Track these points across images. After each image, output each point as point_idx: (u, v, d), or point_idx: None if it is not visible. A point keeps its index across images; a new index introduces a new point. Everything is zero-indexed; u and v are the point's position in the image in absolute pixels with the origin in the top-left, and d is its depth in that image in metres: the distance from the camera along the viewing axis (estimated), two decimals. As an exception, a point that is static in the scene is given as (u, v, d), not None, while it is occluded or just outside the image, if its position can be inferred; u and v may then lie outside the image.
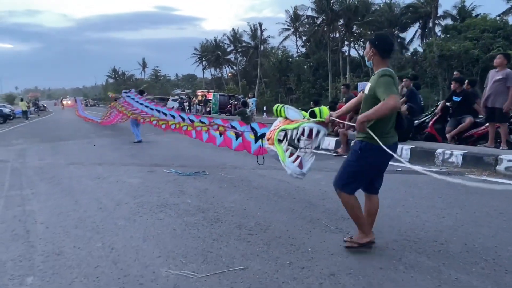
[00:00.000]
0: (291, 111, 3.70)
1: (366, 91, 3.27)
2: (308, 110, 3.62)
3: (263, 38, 54.87)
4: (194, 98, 40.31)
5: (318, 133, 3.50)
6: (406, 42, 46.53)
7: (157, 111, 9.83)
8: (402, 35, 47.15)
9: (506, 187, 3.13)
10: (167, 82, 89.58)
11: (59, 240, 3.93)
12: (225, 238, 3.83)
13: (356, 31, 45.97)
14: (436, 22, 41.69)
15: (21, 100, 37.77)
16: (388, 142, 3.16)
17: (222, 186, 5.96)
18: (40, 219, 4.65)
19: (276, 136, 3.72)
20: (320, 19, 45.03)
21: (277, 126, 3.83)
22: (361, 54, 49.76)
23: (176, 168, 7.36)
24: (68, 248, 3.73)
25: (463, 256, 3.24)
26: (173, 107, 26.57)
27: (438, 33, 40.24)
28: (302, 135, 3.53)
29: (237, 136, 5.92)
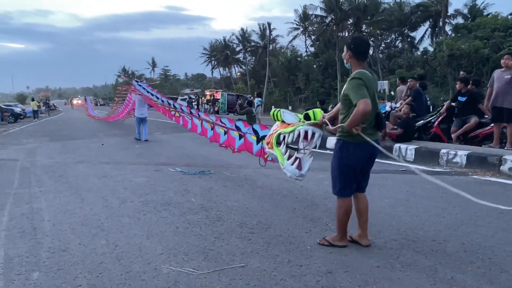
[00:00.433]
0: (287, 115, 3.83)
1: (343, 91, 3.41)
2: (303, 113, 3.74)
3: (272, 37, 54.90)
4: (202, 98, 40.50)
5: (314, 134, 3.60)
6: (416, 41, 46.25)
7: (168, 103, 10.03)
8: (412, 34, 46.92)
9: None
10: (177, 82, 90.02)
11: (65, 237, 4.03)
12: (226, 236, 3.90)
13: (366, 30, 45.80)
14: (447, 21, 41.40)
15: (32, 99, 38.24)
16: (364, 139, 3.28)
17: (226, 185, 6.03)
18: (47, 216, 4.76)
19: (275, 140, 3.83)
20: (329, 19, 44.98)
21: (275, 130, 3.94)
22: (370, 53, 49.68)
23: (182, 167, 7.46)
24: (73, 244, 3.82)
25: (460, 256, 3.27)
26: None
27: (449, 32, 39.96)
28: (299, 138, 3.63)
29: (240, 136, 5.99)
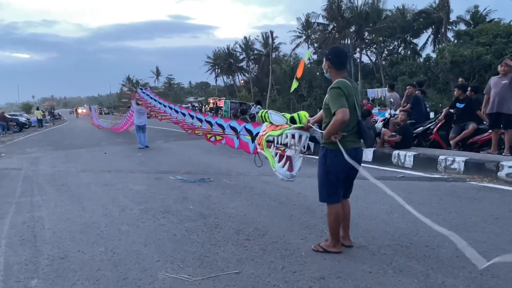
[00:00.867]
0: (274, 116, 3.94)
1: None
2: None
3: (274, 45, 55.19)
4: (206, 105, 40.69)
5: (301, 136, 3.74)
6: (418, 48, 46.30)
7: (169, 108, 10.16)
8: (415, 40, 46.99)
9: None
10: (181, 90, 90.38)
11: (65, 245, 4.10)
12: (223, 243, 3.95)
13: (368, 38, 45.98)
14: (449, 27, 41.49)
15: (37, 109, 38.67)
16: (347, 146, 3.36)
17: (225, 193, 6.09)
18: (48, 224, 4.83)
19: (265, 142, 3.92)
20: (331, 26, 45.25)
21: (264, 131, 4.02)
22: (373, 60, 49.82)
23: (183, 175, 7.52)
24: (72, 252, 3.89)
25: (452, 261, 3.31)
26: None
27: (451, 38, 40.02)
28: (287, 140, 3.77)
29: (237, 137, 6.09)
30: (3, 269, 3.56)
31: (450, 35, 41.29)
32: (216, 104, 37.54)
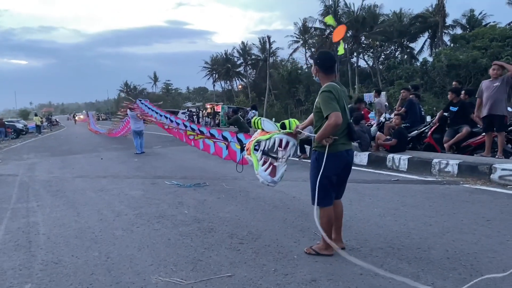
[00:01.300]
0: (266, 123, 3.98)
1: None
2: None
3: (272, 50, 55.39)
4: (203, 111, 40.71)
5: (288, 143, 3.78)
6: (415, 52, 46.55)
7: (165, 117, 10.29)
8: (412, 45, 47.26)
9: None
10: (178, 95, 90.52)
11: (59, 250, 4.12)
12: (216, 247, 3.97)
13: (365, 42, 46.21)
14: (446, 31, 41.74)
15: (35, 115, 38.64)
16: (338, 149, 3.43)
17: (220, 197, 6.11)
18: (43, 230, 4.85)
19: (252, 146, 3.97)
20: (328, 31, 45.42)
21: (254, 137, 4.07)
22: (370, 64, 50.02)
23: (178, 180, 7.54)
24: (66, 257, 3.90)
25: (443, 262, 3.33)
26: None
27: (448, 42, 40.24)
28: (274, 145, 3.81)
29: (226, 146, 6.14)
30: (-3, 274, 3.57)
31: (447, 39, 41.56)
32: (214, 109, 37.53)
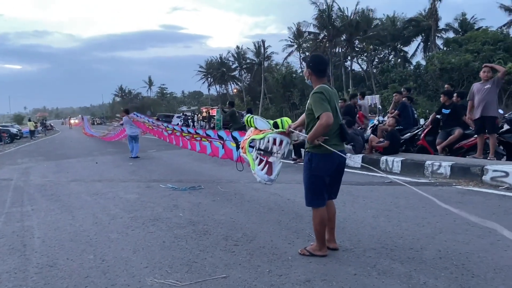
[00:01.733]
0: (259, 121, 4.03)
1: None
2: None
3: (266, 54, 55.55)
4: (198, 115, 40.74)
5: (282, 142, 3.84)
6: (409, 56, 46.83)
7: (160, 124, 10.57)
8: (405, 48, 47.54)
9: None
10: (173, 100, 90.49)
11: (54, 253, 4.12)
12: (211, 249, 4.00)
13: (358, 46, 46.44)
14: (438, 35, 42.04)
15: (29, 120, 38.57)
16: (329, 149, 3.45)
17: (215, 200, 6.14)
18: (38, 234, 4.84)
19: (247, 145, 4.01)
20: (322, 35, 45.65)
21: (248, 136, 4.11)
22: (364, 68, 50.26)
23: (174, 183, 7.56)
24: (61, 260, 3.91)
25: (435, 262, 3.38)
26: (177, 123, 27.07)
27: (441, 46, 40.54)
28: (268, 144, 3.86)
29: (222, 145, 6.18)
30: (-8, 277, 3.57)
31: (440, 42, 41.86)
32: (209, 113, 37.55)
